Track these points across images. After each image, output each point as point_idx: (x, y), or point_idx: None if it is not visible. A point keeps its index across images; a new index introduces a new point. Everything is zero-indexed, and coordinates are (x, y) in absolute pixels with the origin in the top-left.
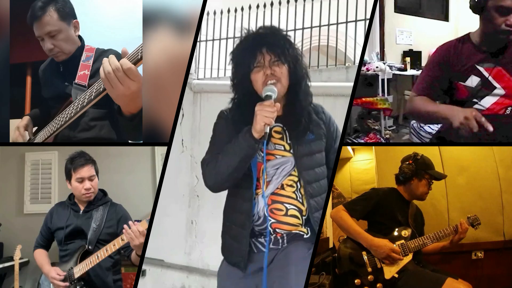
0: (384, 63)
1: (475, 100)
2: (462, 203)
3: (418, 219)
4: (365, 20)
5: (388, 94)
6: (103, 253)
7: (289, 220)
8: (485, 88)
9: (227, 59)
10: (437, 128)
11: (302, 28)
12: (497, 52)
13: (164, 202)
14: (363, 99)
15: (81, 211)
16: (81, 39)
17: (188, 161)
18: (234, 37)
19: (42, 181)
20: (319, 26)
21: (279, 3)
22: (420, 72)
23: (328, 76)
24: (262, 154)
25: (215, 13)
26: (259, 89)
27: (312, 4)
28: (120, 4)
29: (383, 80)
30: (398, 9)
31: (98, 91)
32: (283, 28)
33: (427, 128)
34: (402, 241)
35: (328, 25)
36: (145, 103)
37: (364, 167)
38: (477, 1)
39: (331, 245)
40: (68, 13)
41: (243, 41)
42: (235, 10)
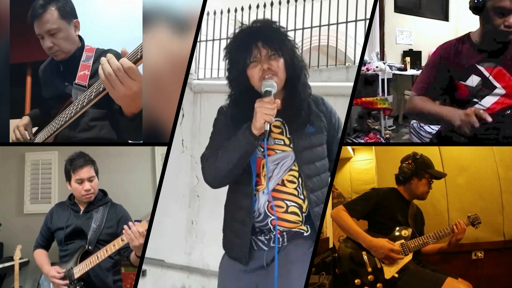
0: (384, 63)
1: (475, 100)
2: (462, 203)
3: (418, 219)
4: (365, 20)
5: (388, 94)
6: (103, 253)
7: (289, 217)
8: (486, 87)
9: (221, 55)
10: (437, 128)
11: (302, 28)
12: (497, 52)
13: (164, 202)
14: (363, 99)
15: (81, 212)
16: (81, 39)
17: (188, 161)
18: None
19: (42, 181)
20: (319, 26)
21: (279, 3)
22: (420, 72)
23: (328, 76)
24: (262, 149)
25: (215, 13)
26: (256, 84)
27: (312, 4)
28: (120, 4)
29: (383, 80)
30: (398, 9)
31: (98, 91)
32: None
33: (427, 128)
34: (402, 241)
35: (328, 25)
36: (145, 103)
37: (364, 167)
38: (476, 1)
39: (331, 245)
40: (68, 12)
41: (237, 36)
42: (235, 10)
